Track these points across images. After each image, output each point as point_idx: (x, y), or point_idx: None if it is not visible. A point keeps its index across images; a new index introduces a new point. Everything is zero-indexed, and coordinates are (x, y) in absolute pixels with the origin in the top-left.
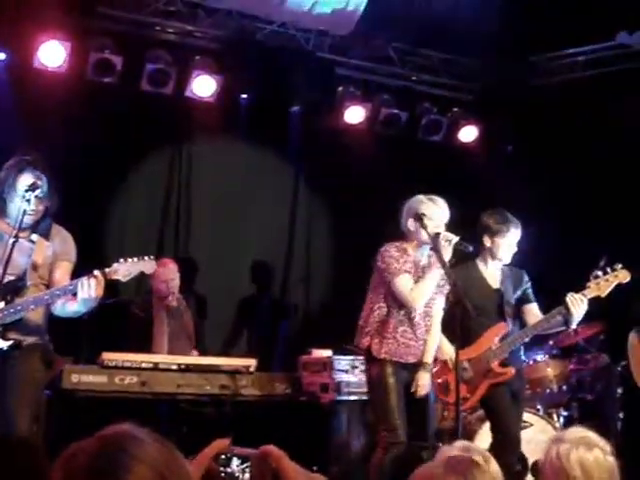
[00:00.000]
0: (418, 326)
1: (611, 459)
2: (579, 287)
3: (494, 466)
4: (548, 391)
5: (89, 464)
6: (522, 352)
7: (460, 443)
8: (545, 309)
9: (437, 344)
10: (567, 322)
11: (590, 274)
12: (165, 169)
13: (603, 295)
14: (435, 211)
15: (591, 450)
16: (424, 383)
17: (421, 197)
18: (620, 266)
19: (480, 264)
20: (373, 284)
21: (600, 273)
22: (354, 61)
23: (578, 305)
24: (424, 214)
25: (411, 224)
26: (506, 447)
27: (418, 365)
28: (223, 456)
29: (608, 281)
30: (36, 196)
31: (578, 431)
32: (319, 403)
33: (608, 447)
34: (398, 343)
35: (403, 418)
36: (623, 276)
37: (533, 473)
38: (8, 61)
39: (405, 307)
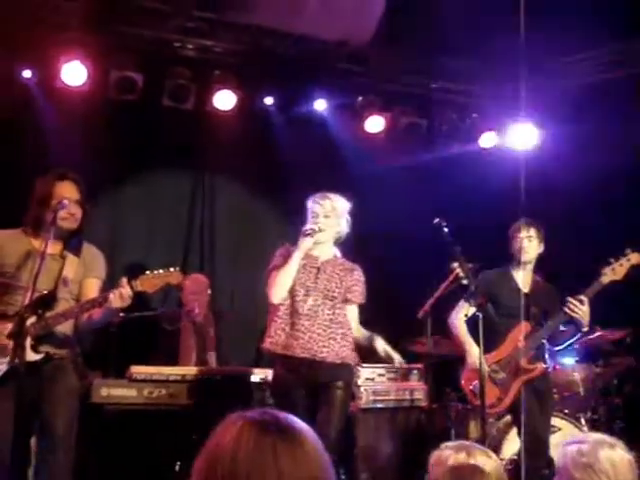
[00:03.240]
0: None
1: (631, 457)
2: (595, 275)
3: (495, 462)
4: (575, 395)
5: None
6: (547, 355)
7: (456, 443)
8: None
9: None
10: (577, 326)
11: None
12: (189, 183)
13: (620, 279)
14: (315, 208)
15: (614, 449)
16: None
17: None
18: (630, 250)
19: (512, 270)
20: None
21: (612, 259)
22: (373, 71)
23: (578, 308)
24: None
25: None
26: (534, 451)
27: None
28: None
29: (622, 265)
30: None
31: (594, 434)
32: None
33: (624, 446)
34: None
35: None
36: (636, 258)
37: None
38: (34, 79)
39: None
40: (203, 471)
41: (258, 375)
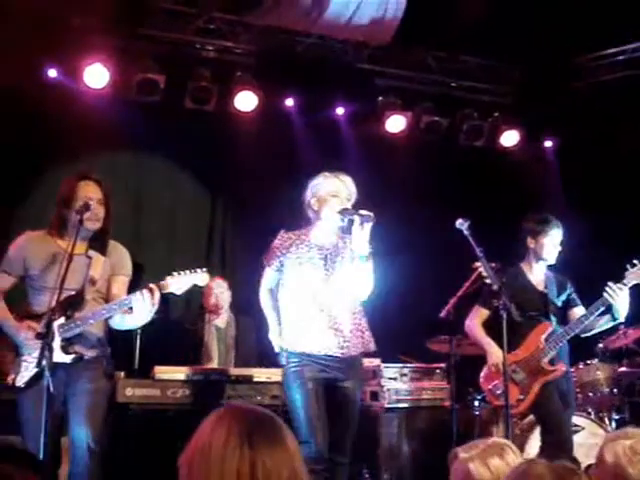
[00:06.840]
0: None
1: None
2: (619, 278)
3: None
4: (599, 394)
5: None
6: (567, 356)
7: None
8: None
9: None
10: (613, 315)
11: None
12: (211, 185)
13: None
14: (339, 187)
15: None
16: None
17: (325, 174)
18: None
19: (525, 267)
20: None
21: (637, 261)
22: (393, 70)
23: (617, 295)
24: (330, 191)
25: (314, 204)
26: (558, 450)
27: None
28: None
29: None
30: (98, 202)
31: (631, 430)
32: (369, 411)
33: None
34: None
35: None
36: None
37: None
38: (59, 79)
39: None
40: (185, 461)
41: (280, 375)
